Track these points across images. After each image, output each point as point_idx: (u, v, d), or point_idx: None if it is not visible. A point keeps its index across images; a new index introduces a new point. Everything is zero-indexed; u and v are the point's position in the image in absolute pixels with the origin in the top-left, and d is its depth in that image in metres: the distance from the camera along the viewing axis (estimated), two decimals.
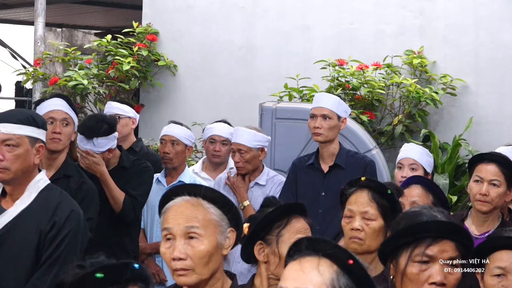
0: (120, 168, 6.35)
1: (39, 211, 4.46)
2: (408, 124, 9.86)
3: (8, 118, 4.51)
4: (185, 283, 3.33)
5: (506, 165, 5.24)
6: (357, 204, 4.28)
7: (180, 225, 3.30)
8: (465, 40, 9.89)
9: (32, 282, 4.35)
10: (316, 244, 2.67)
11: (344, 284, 2.61)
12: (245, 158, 6.53)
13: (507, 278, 3.71)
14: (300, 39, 10.68)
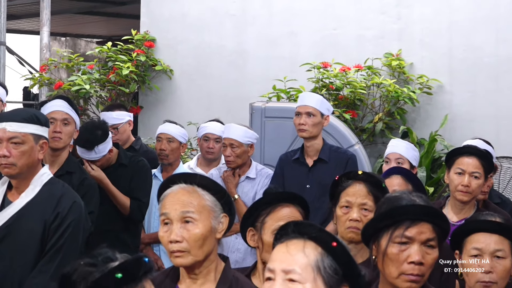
0: (119, 165, 6.37)
1: (43, 203, 4.45)
2: (387, 121, 9.86)
3: (13, 117, 4.51)
4: (182, 264, 3.35)
5: (485, 158, 5.25)
6: (356, 196, 4.28)
7: (177, 211, 3.32)
8: (440, 43, 9.89)
9: (38, 268, 4.34)
10: (302, 227, 2.66)
11: (328, 265, 2.60)
12: (236, 153, 6.53)
13: (483, 258, 3.71)
14: (287, 44, 10.68)
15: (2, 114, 4.76)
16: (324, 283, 2.60)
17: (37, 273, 4.32)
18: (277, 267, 2.62)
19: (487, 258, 3.71)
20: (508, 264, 3.72)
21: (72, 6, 14.12)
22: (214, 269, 3.39)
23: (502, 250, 3.72)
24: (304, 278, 2.58)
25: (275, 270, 2.62)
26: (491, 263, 3.70)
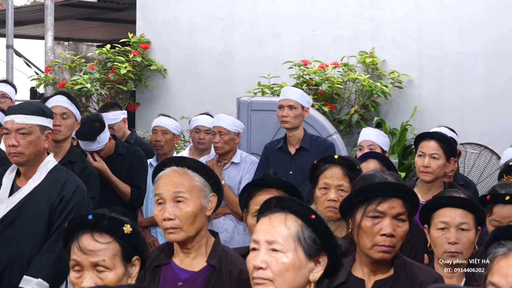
0: (117, 155, 6.36)
1: (49, 188, 4.48)
2: (362, 113, 9.87)
3: (20, 110, 4.53)
4: (175, 240, 3.35)
5: (444, 141, 5.26)
6: (333, 178, 4.29)
7: (169, 191, 3.33)
8: (409, 41, 9.92)
9: (45, 248, 4.37)
10: (283, 202, 2.68)
11: (307, 235, 2.62)
12: (224, 140, 6.53)
13: (449, 230, 3.74)
14: (270, 44, 10.67)
15: (10, 107, 4.77)
16: (304, 252, 2.61)
17: (44, 252, 4.34)
18: (261, 238, 2.63)
19: (453, 230, 3.73)
20: (472, 235, 3.74)
21: (74, 12, 14.07)
22: (205, 244, 3.40)
23: (466, 223, 3.74)
24: (286, 248, 2.60)
25: (260, 241, 2.63)
26: (456, 235, 3.72)
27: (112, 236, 2.78)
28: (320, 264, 2.66)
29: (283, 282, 2.58)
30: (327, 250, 2.66)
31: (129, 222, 2.82)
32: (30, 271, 4.32)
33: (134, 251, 2.84)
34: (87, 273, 2.77)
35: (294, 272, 2.60)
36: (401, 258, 3.26)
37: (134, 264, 2.85)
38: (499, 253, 2.34)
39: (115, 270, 2.77)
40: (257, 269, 2.60)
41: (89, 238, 2.77)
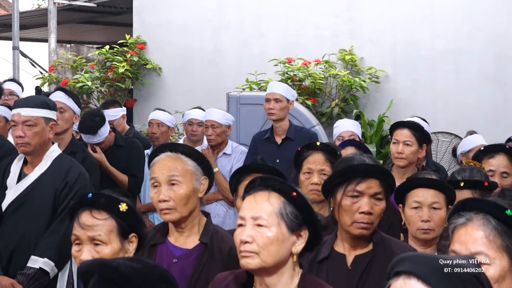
0: (116, 146, 6.36)
1: (54, 175, 4.48)
2: (343, 106, 9.89)
3: (26, 103, 4.54)
4: (170, 220, 3.36)
5: (416, 129, 5.27)
6: (315, 163, 4.30)
7: (164, 175, 3.33)
8: (385, 40, 9.94)
9: (51, 229, 4.37)
10: (267, 181, 2.70)
11: (289, 211, 2.64)
12: (217, 132, 6.53)
13: (422, 209, 3.74)
14: (257, 44, 10.68)
15: (17, 101, 4.77)
16: (287, 226, 2.63)
17: (50, 233, 4.35)
18: (247, 215, 2.64)
19: (425, 209, 3.74)
20: (443, 214, 3.75)
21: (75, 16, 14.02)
22: (197, 223, 3.40)
23: (438, 202, 3.75)
24: (269, 223, 2.61)
25: (245, 217, 2.64)
26: (429, 213, 3.73)
27: (109, 213, 2.81)
28: (302, 237, 2.67)
29: (268, 254, 2.59)
30: (308, 224, 2.68)
31: (126, 201, 2.84)
32: (37, 251, 4.33)
33: (131, 228, 2.86)
34: (85, 247, 2.79)
35: (277, 245, 2.61)
36: (379, 234, 3.28)
37: (131, 241, 2.87)
38: (459, 223, 2.35)
39: (111, 244, 2.79)
40: (244, 243, 2.61)
41: (87, 215, 2.80)
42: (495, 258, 2.25)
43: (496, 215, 2.30)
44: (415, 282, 1.84)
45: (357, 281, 3.16)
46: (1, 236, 4.47)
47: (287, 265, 2.66)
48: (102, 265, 2.04)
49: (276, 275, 2.65)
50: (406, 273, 1.86)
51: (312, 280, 2.70)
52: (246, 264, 2.61)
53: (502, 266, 2.26)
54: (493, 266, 2.25)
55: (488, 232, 2.28)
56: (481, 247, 2.27)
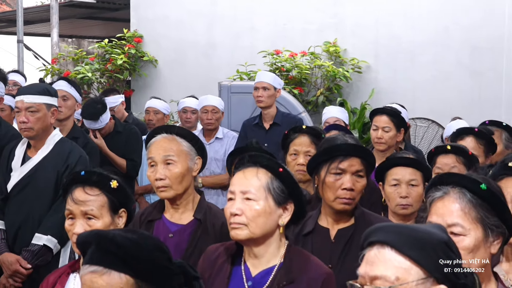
0: (115, 132, 6.35)
1: (56, 157, 4.47)
2: (327, 95, 9.89)
3: (29, 90, 4.53)
4: (165, 197, 3.37)
5: (393, 115, 5.28)
6: (301, 145, 4.31)
7: (160, 154, 3.33)
8: (367, 33, 9.95)
9: (53, 209, 4.37)
10: (255, 158, 2.71)
11: (276, 186, 2.66)
12: (216, 117, 6.56)
13: (400, 186, 3.77)
14: (247, 37, 10.65)
15: (20, 88, 4.75)
16: (274, 200, 2.64)
17: (52, 212, 4.34)
18: (237, 189, 2.65)
19: (403, 186, 3.76)
20: (420, 190, 3.76)
21: (76, 12, 13.95)
22: (191, 201, 3.41)
23: (415, 179, 3.77)
24: (257, 196, 2.62)
25: (235, 192, 2.66)
26: (407, 190, 3.75)
27: (101, 190, 2.81)
28: (288, 210, 2.68)
29: (256, 226, 2.61)
30: (294, 198, 2.69)
31: (116, 179, 2.84)
32: (41, 229, 4.33)
33: (120, 204, 2.86)
34: (78, 221, 2.80)
35: (265, 218, 2.62)
36: (360, 209, 3.28)
37: (121, 216, 2.87)
38: (436, 196, 2.35)
39: (102, 219, 2.79)
40: (233, 215, 2.62)
41: (80, 191, 2.80)
42: (470, 229, 2.26)
43: (471, 189, 2.30)
44: (388, 250, 1.84)
45: (340, 253, 3.16)
46: (7, 215, 4.48)
47: (274, 236, 2.67)
48: (99, 236, 2.05)
49: (263, 245, 2.66)
50: (379, 242, 1.86)
51: (297, 251, 2.72)
52: (236, 235, 2.62)
53: (477, 237, 2.26)
54: (468, 237, 2.26)
55: (463, 204, 2.29)
56: (457, 219, 2.27)
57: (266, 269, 2.67)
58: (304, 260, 2.68)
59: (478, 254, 2.26)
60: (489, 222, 2.28)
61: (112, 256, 1.98)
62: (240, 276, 2.68)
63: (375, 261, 1.84)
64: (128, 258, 1.98)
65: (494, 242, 2.30)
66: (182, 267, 2.08)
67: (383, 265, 1.82)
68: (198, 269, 2.76)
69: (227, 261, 2.72)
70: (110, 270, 1.98)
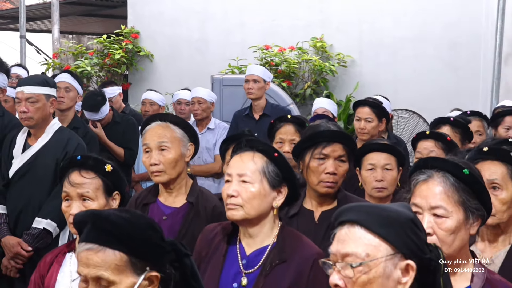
0: (114, 122, 6.34)
1: (55, 145, 4.46)
2: (314, 88, 9.85)
3: (28, 82, 4.53)
4: (160, 181, 3.37)
5: (375, 106, 5.29)
6: (287, 134, 4.31)
7: (154, 141, 3.33)
8: (352, 29, 9.92)
9: (53, 194, 4.36)
10: (252, 143, 2.71)
11: (271, 170, 2.65)
12: (202, 107, 6.55)
13: (376, 170, 3.79)
14: (238, 33, 10.61)
15: (20, 80, 4.73)
16: (269, 183, 2.64)
17: (52, 197, 4.33)
18: (233, 172, 2.65)
19: (379, 170, 3.77)
20: (395, 174, 3.79)
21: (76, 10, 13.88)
22: (184, 185, 3.41)
23: (390, 164, 3.79)
24: (253, 179, 2.62)
25: (232, 174, 2.65)
26: (382, 173, 3.77)
27: (96, 173, 2.81)
28: (282, 193, 2.68)
29: (251, 207, 2.61)
30: (288, 182, 2.68)
31: (110, 163, 2.84)
32: (41, 213, 4.32)
33: (114, 187, 2.86)
34: (74, 202, 2.80)
35: (260, 200, 2.62)
36: (342, 192, 3.28)
37: (115, 198, 2.87)
38: (421, 179, 2.35)
39: (97, 201, 2.80)
40: (230, 196, 2.62)
41: (77, 174, 2.80)
42: (453, 212, 2.26)
43: (455, 173, 2.30)
44: (358, 229, 1.85)
45: (323, 234, 3.16)
46: (9, 200, 4.47)
47: (268, 218, 2.67)
48: (94, 215, 2.04)
49: (258, 226, 2.66)
50: (350, 221, 1.87)
51: (290, 231, 2.72)
52: (232, 215, 2.62)
53: (458, 219, 2.27)
54: (451, 219, 2.26)
55: (447, 188, 2.29)
56: (441, 202, 2.28)
57: (260, 248, 2.67)
58: (296, 240, 2.68)
59: (459, 235, 2.27)
60: (470, 205, 2.29)
61: (107, 234, 1.98)
62: (235, 255, 2.68)
63: (346, 239, 1.85)
64: (122, 236, 1.98)
65: (474, 224, 2.31)
66: (174, 245, 2.08)
67: (353, 243, 1.84)
68: (196, 247, 2.79)
69: (223, 240, 2.72)
70: (105, 247, 1.98)
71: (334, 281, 1.83)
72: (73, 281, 2.67)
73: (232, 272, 2.64)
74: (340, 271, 1.83)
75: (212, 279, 2.66)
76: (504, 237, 2.78)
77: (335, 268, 1.85)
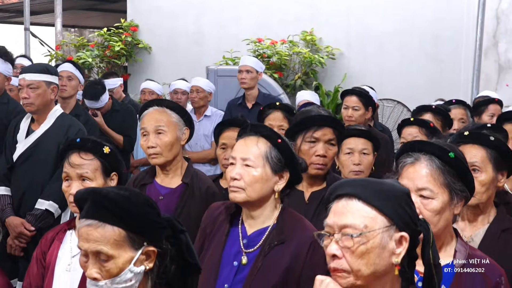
0: (113, 111, 6.31)
1: (57, 130, 4.44)
2: (304, 79, 9.85)
3: (30, 69, 4.52)
4: (156, 163, 3.36)
5: (362, 95, 5.27)
6: (275, 120, 4.31)
7: (152, 125, 3.32)
8: (340, 23, 9.90)
9: (55, 177, 4.33)
10: (256, 128, 2.67)
11: (274, 155, 2.61)
12: (200, 96, 6.53)
13: (354, 154, 3.77)
14: (233, 26, 10.57)
15: (23, 68, 4.69)
16: (271, 168, 2.60)
17: (54, 180, 4.30)
18: (238, 156, 2.61)
19: (356, 154, 3.76)
20: (371, 158, 3.79)
21: (78, 4, 13.81)
22: (180, 167, 3.40)
23: (367, 149, 3.78)
24: (256, 164, 2.58)
25: (236, 158, 2.62)
26: (359, 157, 3.75)
27: (94, 155, 2.79)
28: (283, 178, 2.63)
29: (253, 190, 2.57)
30: (290, 167, 2.64)
31: (108, 145, 2.81)
32: (43, 195, 4.30)
33: (112, 168, 2.84)
34: (74, 182, 2.78)
35: (261, 183, 2.58)
36: (331, 174, 3.28)
37: (112, 179, 2.85)
38: (408, 162, 2.34)
39: (96, 181, 2.78)
40: (233, 179, 2.59)
41: (76, 156, 2.78)
42: (438, 193, 2.25)
43: (440, 157, 2.30)
44: (356, 202, 1.84)
45: (313, 213, 3.16)
46: (13, 182, 4.45)
47: (270, 201, 2.63)
48: (94, 193, 2.04)
49: (259, 208, 2.63)
50: (347, 195, 1.86)
51: (291, 213, 2.68)
52: (234, 197, 2.59)
53: (443, 200, 2.26)
54: (436, 200, 2.26)
55: (433, 170, 2.28)
56: (427, 184, 2.27)
57: (261, 229, 2.63)
58: (296, 222, 2.65)
59: (444, 215, 2.27)
60: (455, 187, 2.28)
61: (106, 210, 1.97)
62: (237, 234, 2.65)
63: (344, 211, 1.84)
64: (121, 213, 1.97)
65: (458, 204, 2.30)
66: (170, 221, 2.07)
67: (351, 215, 1.83)
68: (201, 224, 2.79)
69: (226, 220, 2.70)
70: (104, 223, 1.97)
71: (332, 251, 1.82)
72: (73, 257, 2.65)
73: (233, 251, 2.62)
74: (339, 241, 1.82)
75: (214, 256, 2.64)
76: (483, 216, 2.79)
77: (332, 239, 1.83)
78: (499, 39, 9.26)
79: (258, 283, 2.51)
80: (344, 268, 1.81)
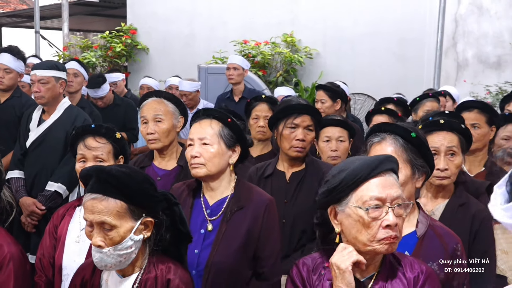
0: (115, 105, 6.27)
1: (65, 120, 4.41)
2: (285, 76, 9.84)
3: (40, 66, 4.49)
4: (155, 148, 3.36)
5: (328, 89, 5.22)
6: (261, 111, 4.30)
7: (151, 114, 3.33)
8: (317, 26, 9.89)
9: (63, 162, 4.32)
10: (208, 111, 2.70)
11: (226, 133, 2.64)
12: (189, 98, 6.50)
13: (331, 142, 3.78)
14: (221, 29, 10.54)
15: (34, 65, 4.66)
16: (225, 144, 2.63)
17: (62, 165, 4.29)
18: (195, 137, 2.64)
19: (334, 141, 3.77)
20: (347, 145, 3.79)
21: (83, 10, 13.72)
22: (175, 151, 3.41)
23: (342, 136, 3.78)
24: (212, 141, 2.61)
25: (194, 139, 2.64)
26: (336, 144, 3.76)
27: (108, 139, 2.80)
28: (236, 152, 2.67)
29: (212, 165, 2.60)
30: (240, 142, 2.67)
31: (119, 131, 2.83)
32: (53, 178, 4.28)
33: (121, 151, 2.84)
34: (89, 163, 2.78)
35: (219, 158, 2.61)
36: (310, 157, 3.29)
37: (120, 161, 2.86)
38: (375, 141, 2.37)
39: (108, 162, 2.79)
40: (194, 157, 2.61)
41: (92, 139, 2.79)
42: (402, 168, 2.28)
43: (404, 136, 2.32)
44: (394, 176, 2.00)
45: (293, 191, 3.18)
46: (26, 167, 4.43)
47: (226, 173, 2.66)
48: (98, 169, 2.04)
49: (218, 180, 2.66)
50: (389, 170, 1.97)
51: (244, 183, 2.72)
52: (196, 173, 2.61)
53: (406, 174, 2.29)
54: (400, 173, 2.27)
55: (397, 148, 2.31)
56: None
57: (221, 199, 2.66)
58: (250, 190, 2.68)
59: (407, 187, 2.29)
60: (416, 163, 2.31)
61: (109, 185, 1.98)
62: (200, 206, 2.67)
63: (392, 185, 1.94)
64: (122, 187, 1.99)
65: (419, 179, 2.33)
66: (165, 195, 2.09)
67: (397, 188, 1.95)
68: None
69: (189, 195, 2.71)
70: (107, 197, 1.99)
71: (395, 221, 1.89)
72: (82, 230, 2.65)
73: (199, 220, 2.64)
74: (394, 210, 1.90)
75: None
76: (444, 193, 2.81)
77: (385, 210, 1.89)
78: (457, 40, 9.31)
79: (224, 246, 2.55)
80: (398, 235, 1.89)
